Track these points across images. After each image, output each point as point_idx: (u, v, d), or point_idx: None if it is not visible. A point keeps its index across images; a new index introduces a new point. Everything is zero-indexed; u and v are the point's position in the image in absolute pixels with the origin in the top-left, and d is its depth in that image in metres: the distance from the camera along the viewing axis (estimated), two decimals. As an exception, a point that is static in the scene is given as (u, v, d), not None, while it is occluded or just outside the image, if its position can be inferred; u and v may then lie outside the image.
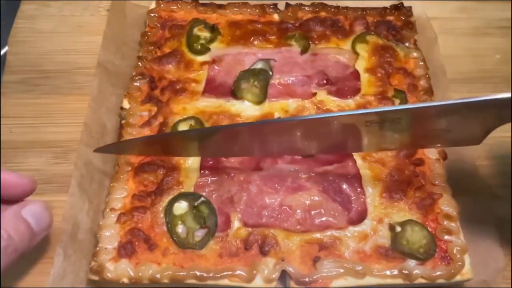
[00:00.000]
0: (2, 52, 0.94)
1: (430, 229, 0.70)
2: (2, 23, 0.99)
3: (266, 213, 0.71)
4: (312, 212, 0.71)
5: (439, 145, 0.74)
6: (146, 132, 0.78)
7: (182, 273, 0.65)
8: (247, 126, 0.69)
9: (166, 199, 0.71)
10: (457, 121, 0.62)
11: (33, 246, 0.61)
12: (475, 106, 0.59)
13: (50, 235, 0.69)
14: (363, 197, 0.72)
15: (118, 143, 0.72)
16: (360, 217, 0.71)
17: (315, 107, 0.81)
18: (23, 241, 0.59)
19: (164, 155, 0.74)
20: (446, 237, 0.69)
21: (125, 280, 0.66)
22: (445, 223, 0.70)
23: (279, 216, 0.71)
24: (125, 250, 0.67)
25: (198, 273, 0.65)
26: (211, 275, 0.65)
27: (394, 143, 0.69)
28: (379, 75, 0.84)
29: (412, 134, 0.67)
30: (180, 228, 0.69)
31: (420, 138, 0.68)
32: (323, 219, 0.71)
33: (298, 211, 0.71)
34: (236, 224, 0.70)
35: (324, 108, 0.81)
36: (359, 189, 0.73)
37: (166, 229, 0.69)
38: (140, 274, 0.65)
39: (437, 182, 0.74)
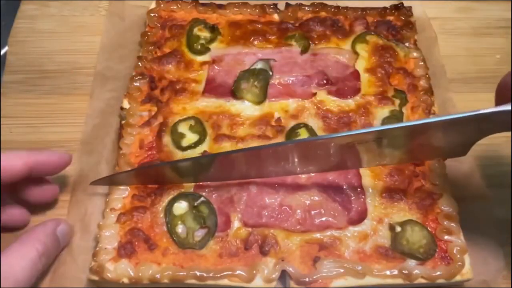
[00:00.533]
0: (2, 52, 0.94)
1: (430, 229, 0.70)
2: (2, 23, 0.99)
3: (266, 213, 0.71)
4: (312, 212, 0.71)
5: (426, 159, 0.75)
6: (146, 132, 0.78)
7: (182, 273, 0.65)
8: (242, 152, 0.69)
9: (166, 199, 0.71)
10: (440, 137, 0.64)
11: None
12: (454, 123, 0.60)
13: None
14: (363, 197, 0.72)
15: (112, 176, 0.73)
16: (360, 217, 0.71)
17: (315, 107, 0.81)
18: (53, 255, 0.67)
19: (159, 183, 0.73)
20: (446, 237, 0.69)
21: (125, 280, 0.66)
22: (445, 223, 0.70)
23: (279, 216, 0.71)
24: (125, 250, 0.67)
25: (198, 273, 0.65)
26: (211, 275, 0.65)
27: (382, 159, 0.70)
28: (379, 75, 0.84)
29: (398, 151, 0.68)
30: (180, 228, 0.69)
31: (406, 154, 0.69)
32: (323, 219, 0.71)
33: (298, 211, 0.71)
34: (236, 224, 0.70)
35: (324, 108, 0.81)
36: (359, 189, 0.73)
37: (166, 229, 0.69)
38: (140, 274, 0.65)
39: (437, 182, 0.74)
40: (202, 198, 0.71)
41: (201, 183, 0.73)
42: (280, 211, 0.71)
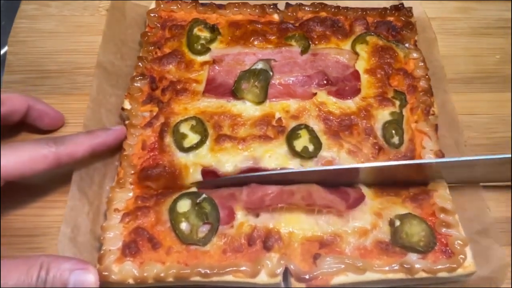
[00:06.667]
0: (2, 52, 0.94)
1: (429, 223, 0.70)
2: (2, 23, 0.99)
3: (269, 197, 0.71)
4: (313, 195, 0.71)
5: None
6: (148, 133, 0.78)
7: (186, 271, 0.65)
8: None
9: (170, 199, 0.71)
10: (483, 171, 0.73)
11: None
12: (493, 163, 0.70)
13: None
14: (359, 187, 0.75)
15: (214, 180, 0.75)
16: (359, 201, 0.72)
17: (317, 108, 0.80)
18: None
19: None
20: (444, 230, 0.70)
21: (131, 281, 0.65)
22: (441, 216, 0.71)
23: (282, 196, 0.71)
24: (129, 249, 0.67)
25: (202, 270, 0.65)
26: (215, 271, 0.65)
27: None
28: (378, 76, 0.84)
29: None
30: (184, 226, 0.69)
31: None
32: (324, 202, 0.71)
33: (300, 194, 0.71)
34: (239, 214, 0.70)
35: (326, 110, 0.80)
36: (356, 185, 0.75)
37: (170, 227, 0.69)
38: (145, 274, 0.65)
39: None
40: (204, 195, 0.71)
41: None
42: (282, 193, 0.71)
